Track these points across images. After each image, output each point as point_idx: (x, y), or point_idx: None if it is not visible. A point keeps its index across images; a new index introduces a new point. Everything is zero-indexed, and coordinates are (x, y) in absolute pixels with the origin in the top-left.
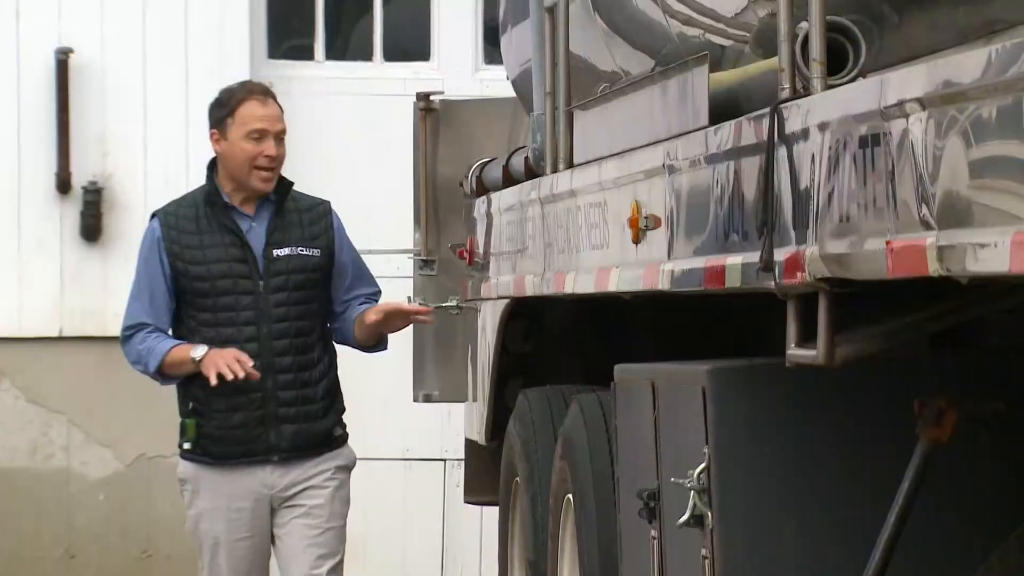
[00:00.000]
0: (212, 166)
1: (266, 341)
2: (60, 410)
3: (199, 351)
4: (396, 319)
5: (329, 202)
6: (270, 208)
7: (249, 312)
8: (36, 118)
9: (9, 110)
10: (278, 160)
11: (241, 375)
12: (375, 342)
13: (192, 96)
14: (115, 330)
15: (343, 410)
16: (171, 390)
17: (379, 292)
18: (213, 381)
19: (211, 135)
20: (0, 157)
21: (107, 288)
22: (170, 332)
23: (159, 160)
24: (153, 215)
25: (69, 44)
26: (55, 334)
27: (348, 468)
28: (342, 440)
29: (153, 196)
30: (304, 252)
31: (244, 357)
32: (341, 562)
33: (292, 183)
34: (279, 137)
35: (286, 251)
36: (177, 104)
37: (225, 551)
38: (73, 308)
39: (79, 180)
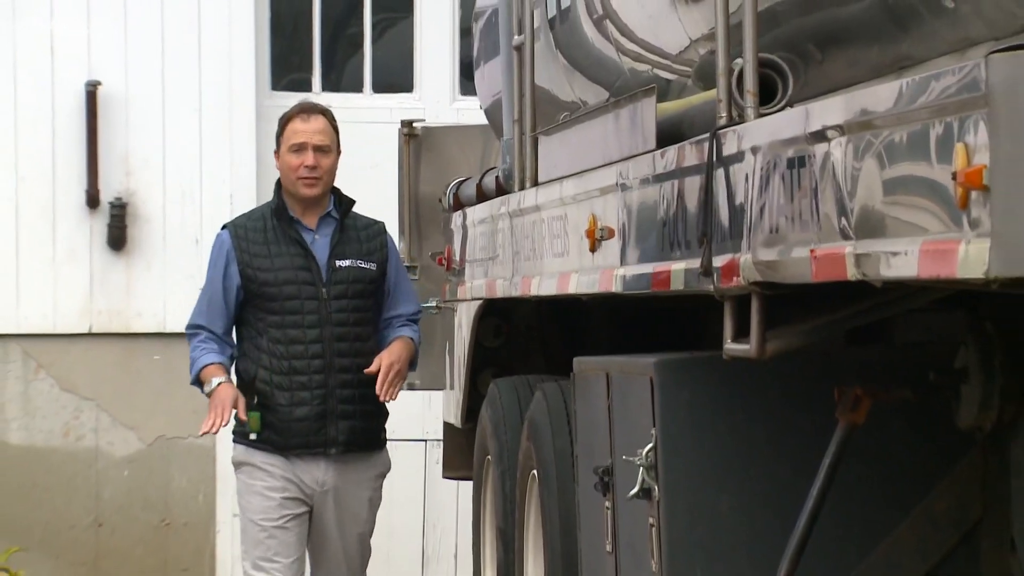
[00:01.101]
0: (279, 184)
1: (329, 342)
2: (89, 397)
3: (213, 383)
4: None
5: (384, 223)
6: (332, 223)
7: (313, 316)
8: (69, 142)
9: (45, 135)
10: (318, 169)
11: (219, 426)
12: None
13: (205, 123)
14: (137, 327)
15: (388, 414)
16: (189, 386)
17: (420, 312)
18: (202, 430)
19: (274, 154)
20: (37, 176)
21: (130, 291)
22: (222, 332)
23: (176, 178)
24: (223, 227)
25: (97, 77)
26: (85, 331)
27: (385, 475)
28: (384, 443)
29: (171, 210)
30: (362, 265)
31: (239, 404)
32: (366, 563)
33: (354, 202)
34: (319, 149)
35: (347, 263)
36: (192, 130)
37: (269, 534)
38: (101, 308)
39: (106, 196)
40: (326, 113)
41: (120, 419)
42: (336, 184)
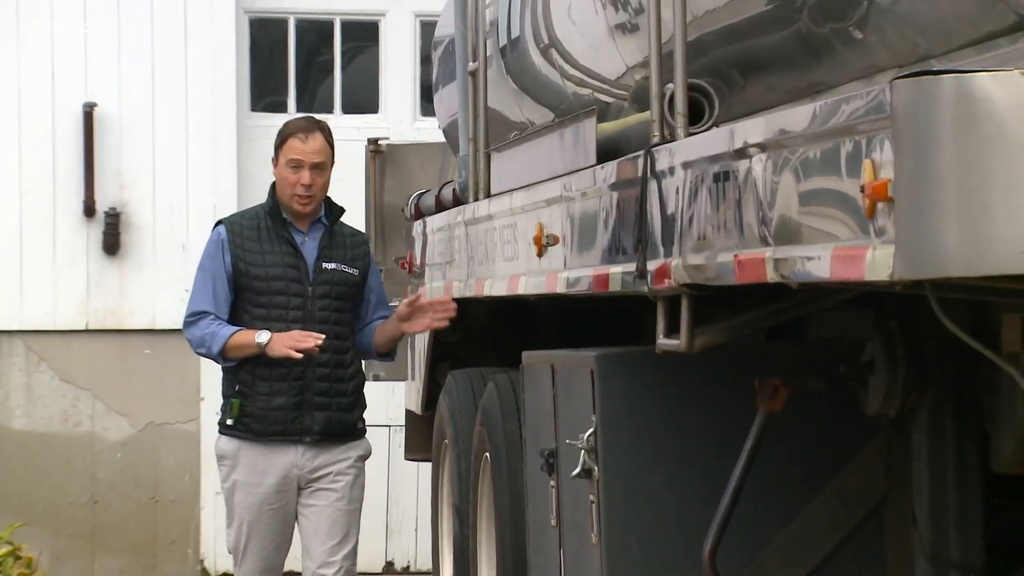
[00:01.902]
0: (274, 187)
1: None
2: (86, 387)
3: (263, 336)
4: (421, 316)
5: (366, 235)
6: (321, 228)
7: (297, 312)
8: (68, 158)
9: (46, 151)
10: (313, 187)
11: (310, 345)
12: (388, 350)
13: (191, 141)
14: (129, 325)
15: (366, 407)
16: (176, 373)
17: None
18: (287, 354)
19: (272, 161)
20: (39, 188)
21: (123, 292)
22: (224, 317)
23: (165, 191)
24: (218, 223)
25: (93, 99)
26: (82, 327)
27: (365, 458)
28: (363, 432)
29: (160, 219)
30: (346, 269)
31: (307, 334)
32: (357, 544)
33: (343, 211)
34: (316, 168)
35: (333, 265)
36: (179, 147)
37: (255, 520)
38: (96, 307)
39: (101, 206)
40: (324, 130)
41: (114, 407)
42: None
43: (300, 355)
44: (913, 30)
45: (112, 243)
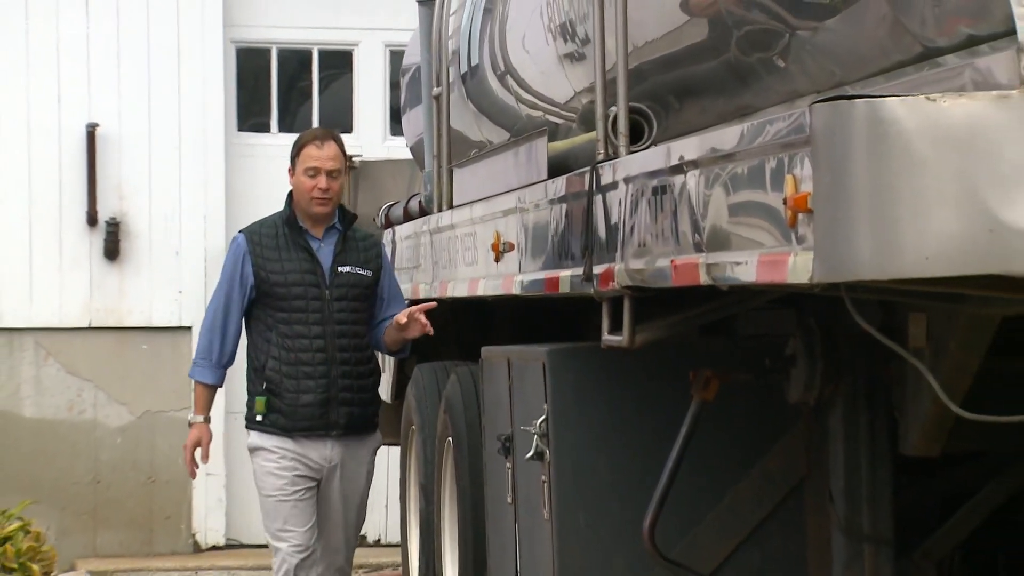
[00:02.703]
0: (290, 197)
1: (330, 338)
2: (89, 379)
3: (193, 419)
4: (413, 325)
5: (379, 236)
6: (335, 234)
7: (317, 314)
8: (72, 172)
9: (53, 166)
10: (329, 191)
11: (193, 472)
12: (399, 348)
13: (183, 158)
14: (128, 323)
15: (380, 402)
16: (170, 366)
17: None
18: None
19: (288, 171)
20: (47, 199)
21: (122, 293)
22: (231, 336)
23: (160, 202)
24: (240, 232)
25: (96, 120)
26: (85, 325)
27: (377, 450)
28: (376, 426)
29: (156, 227)
30: (361, 271)
31: (201, 444)
32: (360, 529)
33: (356, 217)
34: (331, 173)
35: (348, 269)
36: (173, 163)
37: (288, 504)
38: (98, 307)
39: (103, 216)
40: (337, 140)
41: (114, 396)
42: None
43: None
44: (830, 59)
45: (112, 249)
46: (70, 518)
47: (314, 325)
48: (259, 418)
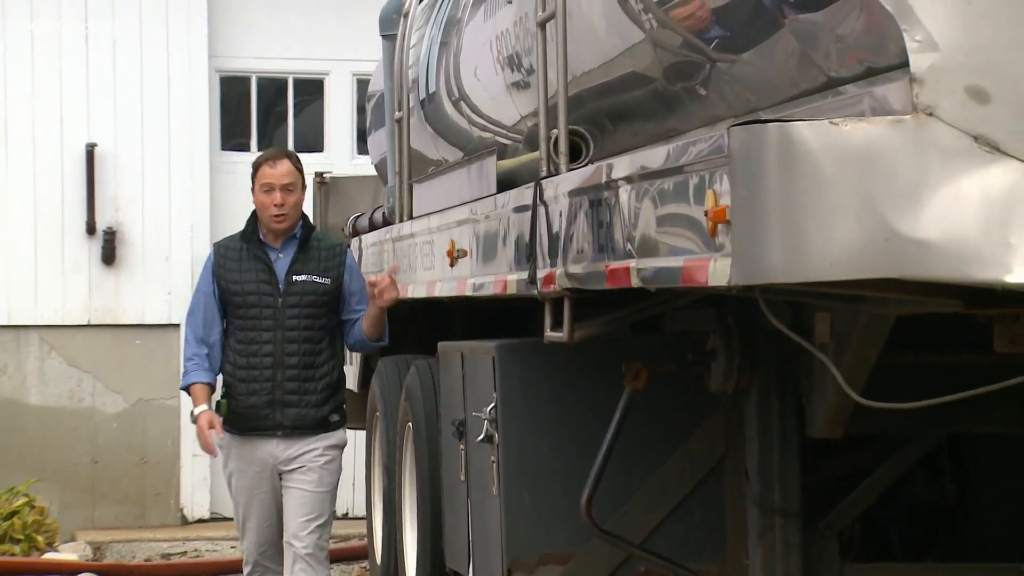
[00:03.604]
0: (254, 213)
1: (279, 343)
2: (88, 371)
3: (198, 409)
4: (385, 292)
5: (344, 244)
6: (294, 244)
7: (268, 321)
8: (73, 186)
9: (56, 181)
10: (285, 206)
11: (212, 450)
12: (378, 334)
13: (173, 173)
14: (123, 321)
15: (342, 402)
16: (160, 359)
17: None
18: (199, 436)
19: (251, 189)
20: (51, 210)
21: (118, 294)
22: (215, 338)
23: (152, 213)
24: (213, 245)
25: (94, 140)
26: (85, 323)
27: (339, 447)
28: (336, 425)
29: (148, 236)
30: (318, 280)
31: (214, 427)
32: (328, 520)
33: (314, 227)
34: (286, 188)
35: (303, 277)
36: (163, 178)
37: (249, 503)
38: (97, 307)
39: (101, 226)
40: (291, 157)
41: (111, 386)
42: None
43: (208, 449)
44: (745, 88)
45: (109, 255)
46: (71, 494)
47: (265, 331)
48: (222, 420)
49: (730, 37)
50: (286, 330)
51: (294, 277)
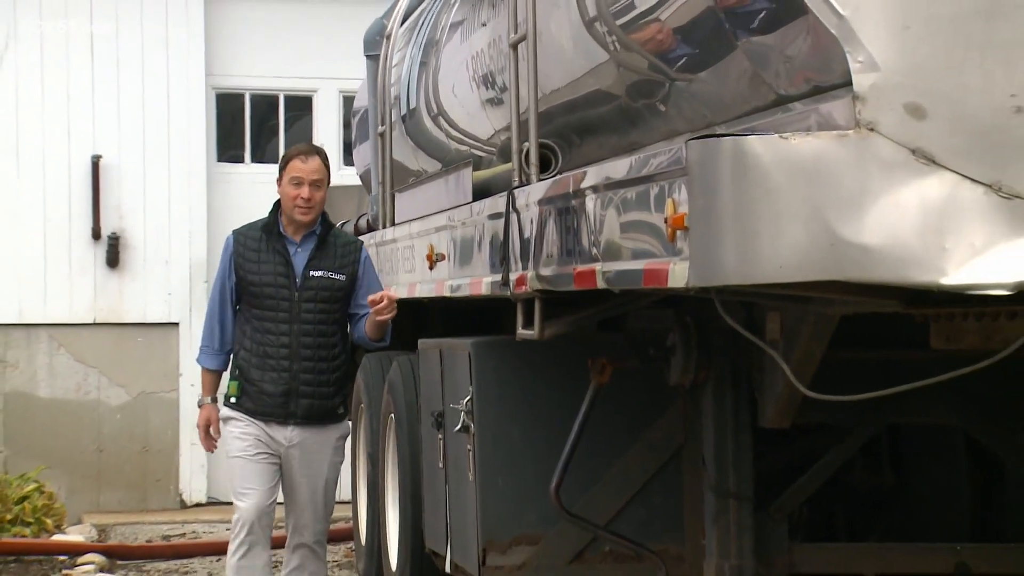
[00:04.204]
0: (276, 205)
1: (295, 336)
2: (94, 366)
3: (203, 400)
4: (385, 305)
5: (361, 241)
6: (313, 240)
7: (285, 313)
8: (80, 195)
9: (64, 190)
10: (312, 200)
11: (210, 447)
12: (379, 338)
13: (172, 183)
14: (126, 320)
15: (348, 395)
16: (160, 355)
17: None
18: (199, 432)
19: (276, 180)
20: (59, 217)
21: (121, 295)
22: (228, 323)
23: (152, 220)
24: (232, 232)
25: (100, 152)
26: (91, 321)
27: (344, 437)
28: (342, 417)
29: (149, 241)
30: (333, 276)
31: (212, 425)
32: (331, 510)
33: (333, 225)
34: (314, 184)
35: (320, 273)
36: (163, 188)
37: (247, 465)
38: (102, 306)
39: (105, 231)
40: (321, 154)
41: (114, 380)
42: None
43: (205, 447)
44: (702, 105)
45: (113, 259)
46: (77, 481)
47: (282, 323)
48: (232, 399)
49: (687, 58)
50: (302, 323)
51: (311, 272)
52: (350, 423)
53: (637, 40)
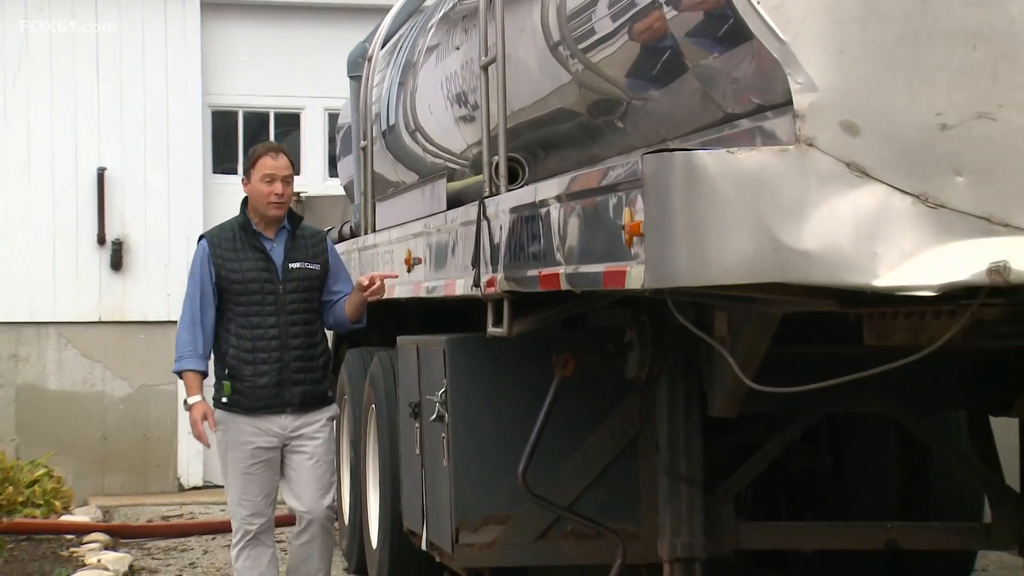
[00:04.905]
0: (244, 204)
1: (283, 327)
2: (99, 360)
3: (191, 400)
4: (375, 289)
5: (325, 232)
6: (285, 234)
7: (271, 306)
8: (86, 204)
9: (71, 199)
10: (284, 195)
11: (205, 440)
12: (358, 317)
13: (171, 193)
14: (129, 318)
15: (331, 380)
16: (160, 350)
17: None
18: (193, 428)
19: (242, 181)
20: (67, 225)
21: (125, 295)
22: (207, 324)
23: (153, 227)
24: (201, 237)
25: (105, 164)
26: (96, 319)
27: (334, 418)
28: (331, 400)
29: (150, 247)
30: (309, 266)
31: (207, 418)
32: (334, 487)
33: (302, 218)
34: (284, 179)
35: (298, 264)
36: (163, 198)
37: (246, 474)
38: (106, 306)
39: (110, 237)
40: (287, 153)
41: (118, 374)
42: None
43: (200, 439)
44: (656, 122)
45: (117, 262)
46: (84, 466)
47: (269, 316)
48: (224, 400)
49: (643, 79)
50: (288, 314)
51: (291, 265)
52: (336, 406)
53: (597, 63)
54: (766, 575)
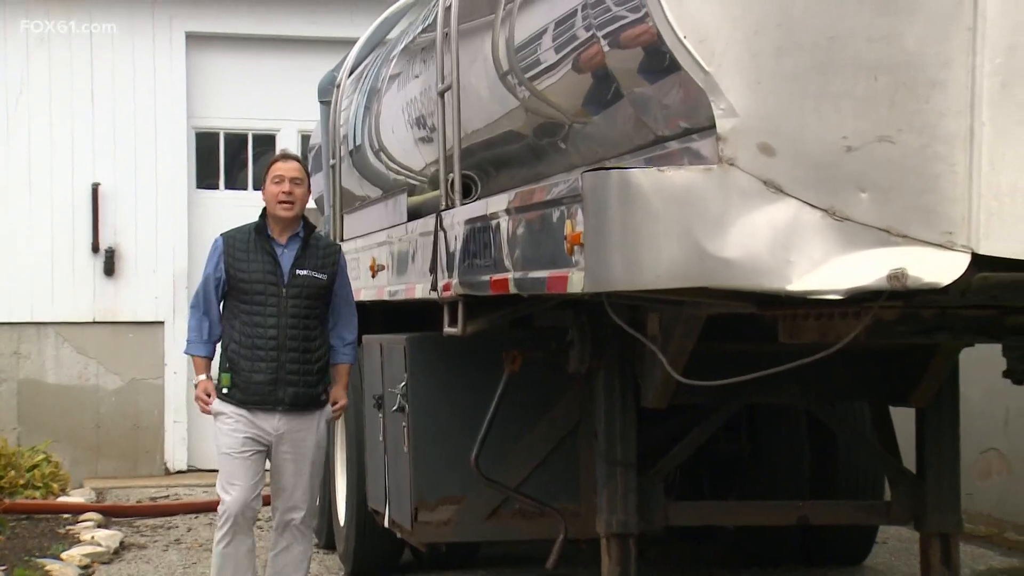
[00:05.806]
0: (264, 211)
1: (283, 328)
2: (93, 357)
3: (198, 378)
4: (338, 411)
5: (339, 245)
6: (298, 242)
7: (273, 308)
8: (82, 215)
9: (68, 211)
10: (292, 195)
11: (206, 410)
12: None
13: (160, 206)
14: (121, 319)
15: (329, 382)
16: (149, 348)
17: (355, 313)
18: (198, 401)
19: (261, 189)
20: (64, 234)
21: (117, 298)
22: (213, 313)
23: (142, 237)
24: (220, 235)
25: (99, 180)
26: (91, 320)
27: (327, 422)
28: (325, 402)
29: (140, 254)
30: (316, 275)
31: (210, 394)
32: (317, 488)
33: (315, 227)
34: (294, 181)
35: (305, 272)
36: (151, 210)
37: (236, 459)
38: (100, 308)
39: (103, 245)
40: (298, 160)
41: (110, 369)
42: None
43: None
44: (595, 143)
45: (110, 268)
46: (79, 452)
47: (270, 317)
48: (224, 390)
49: (583, 105)
50: (288, 317)
51: (297, 271)
52: (331, 408)
53: (542, 90)
54: (692, 548)
